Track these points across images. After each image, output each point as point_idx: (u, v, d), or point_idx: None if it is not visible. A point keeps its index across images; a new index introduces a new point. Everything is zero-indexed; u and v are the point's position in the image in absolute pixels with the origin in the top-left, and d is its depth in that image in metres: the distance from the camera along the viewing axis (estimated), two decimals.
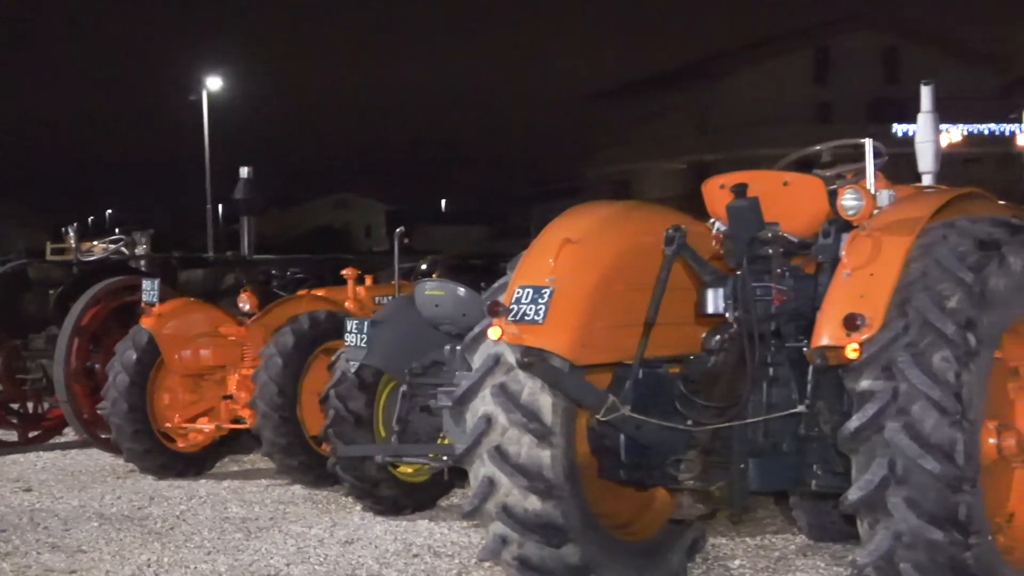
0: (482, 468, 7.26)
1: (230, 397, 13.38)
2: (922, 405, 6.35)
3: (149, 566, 9.28)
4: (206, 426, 13.54)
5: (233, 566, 9.23)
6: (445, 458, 9.87)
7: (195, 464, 13.58)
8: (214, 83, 67.89)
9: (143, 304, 13.41)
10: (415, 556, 9.45)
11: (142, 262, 17.48)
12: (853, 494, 6.49)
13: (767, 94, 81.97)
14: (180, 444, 13.59)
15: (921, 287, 6.52)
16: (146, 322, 13.19)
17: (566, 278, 7.08)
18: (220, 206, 68.89)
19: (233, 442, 13.96)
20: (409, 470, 10.88)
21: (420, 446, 10.17)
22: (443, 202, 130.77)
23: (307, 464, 12.18)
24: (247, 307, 13.66)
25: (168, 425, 13.47)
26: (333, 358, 10.97)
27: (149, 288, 13.41)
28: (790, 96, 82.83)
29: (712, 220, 7.66)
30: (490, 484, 7.23)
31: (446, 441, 9.78)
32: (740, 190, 7.40)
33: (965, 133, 73.17)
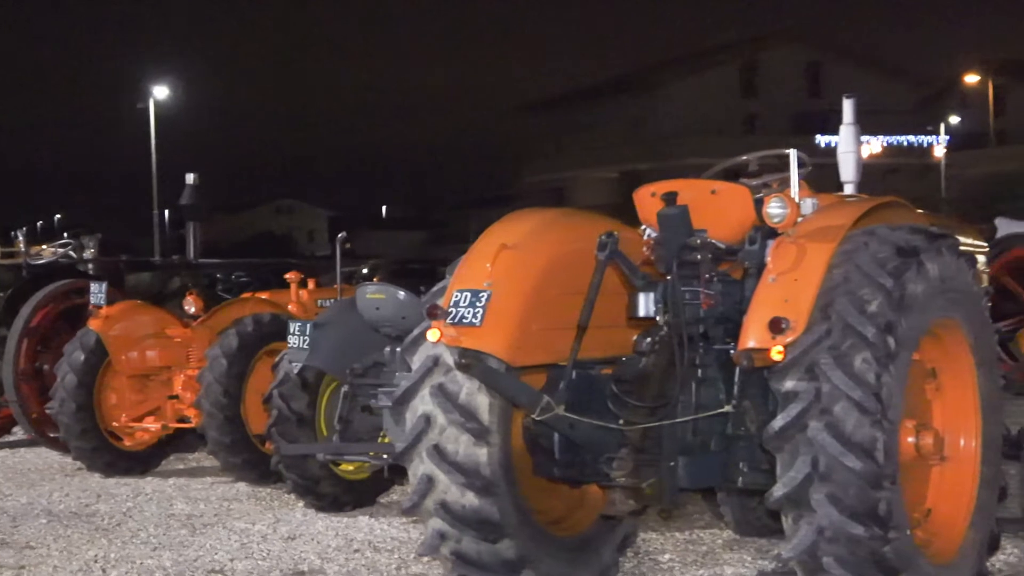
0: (421, 466, 7.24)
1: (176, 397, 13.34)
2: (844, 405, 6.39)
3: (96, 562, 9.21)
4: (152, 425, 13.48)
5: (178, 561, 9.17)
6: (385, 456, 9.89)
7: (141, 462, 13.51)
8: (161, 92, 67.71)
9: (91, 306, 13.34)
10: (356, 551, 9.42)
11: (90, 265, 17.39)
12: (778, 491, 6.52)
13: (697, 106, 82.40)
14: (127, 443, 13.52)
15: (843, 292, 6.56)
16: (94, 324, 13.10)
17: (503, 282, 7.08)
18: (167, 211, 68.63)
19: (179, 441, 13.88)
20: (350, 468, 10.87)
21: (361, 444, 10.17)
22: (384, 208, 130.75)
23: (251, 462, 12.14)
24: (193, 310, 13.65)
25: (115, 424, 13.41)
26: (276, 359, 10.94)
27: (97, 291, 13.33)
28: (718, 108, 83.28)
29: (643, 227, 7.68)
30: (429, 481, 7.22)
31: (386, 440, 9.80)
32: (670, 198, 7.42)
33: (885, 144, 73.88)
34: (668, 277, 7.28)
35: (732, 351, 6.99)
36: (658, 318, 7.28)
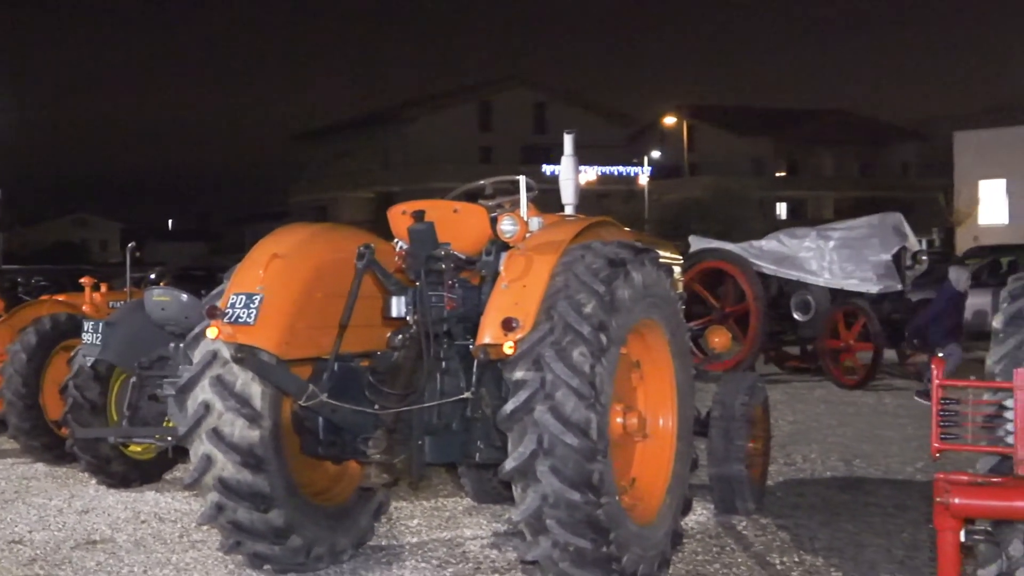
0: (201, 447, 7.15)
1: None
2: (564, 391, 6.47)
3: None
4: None
5: None
6: (169, 438, 9.77)
7: None
8: None
9: None
10: (143, 522, 9.20)
11: None
12: (509, 464, 6.57)
13: (440, 138, 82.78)
14: None
15: (563, 296, 6.65)
16: None
17: (273, 287, 7.01)
18: None
19: None
20: (138, 449, 10.65)
21: (148, 428, 10.02)
22: (170, 221, 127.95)
23: (48, 445, 11.76)
24: None
25: None
26: (72, 354, 10.65)
27: None
28: (459, 140, 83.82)
29: (396, 240, 7.67)
30: (208, 460, 7.12)
31: (170, 424, 9.63)
32: (419, 215, 7.43)
33: (599, 173, 75.19)
34: (417, 283, 7.29)
35: (471, 346, 7.04)
36: (408, 318, 7.30)
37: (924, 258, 19.88)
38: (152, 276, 12.89)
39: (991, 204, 68.61)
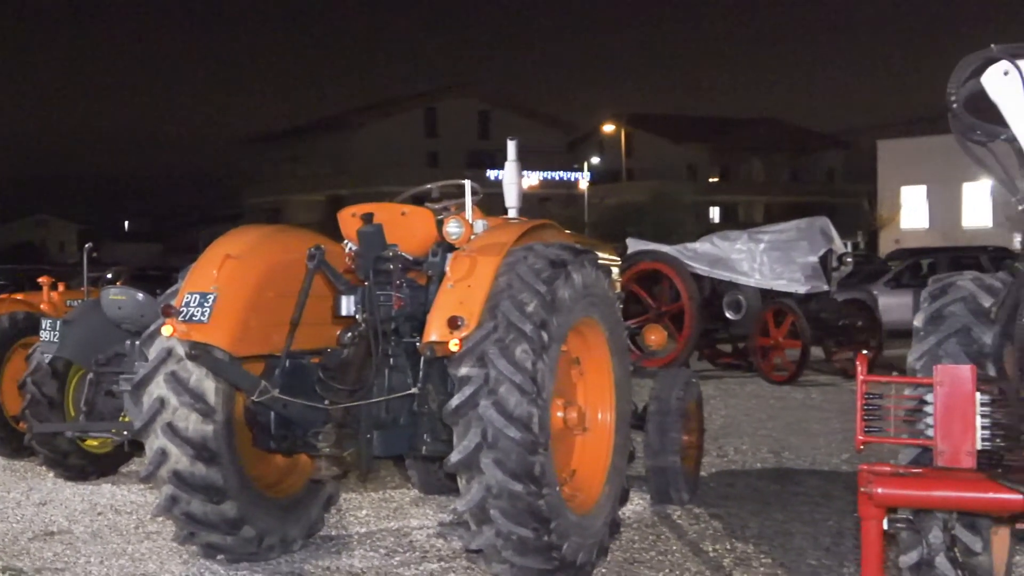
0: (156, 441, 7.08)
1: None
2: (507, 387, 6.47)
3: None
4: None
5: None
6: (125, 433, 9.63)
7: None
8: None
9: None
10: (99, 514, 9.11)
11: None
12: (454, 457, 6.56)
13: (389, 143, 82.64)
14: None
15: (507, 296, 6.65)
16: None
17: (227, 286, 6.97)
18: None
19: None
20: (95, 443, 10.54)
21: (104, 423, 9.90)
22: (126, 223, 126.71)
23: (6, 439, 11.59)
24: None
25: None
26: (30, 351, 10.52)
27: None
28: (407, 146, 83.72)
29: (346, 242, 7.64)
30: (163, 454, 7.06)
31: (126, 419, 9.53)
32: (368, 218, 7.41)
33: (541, 178, 75.33)
34: (366, 283, 7.27)
35: (418, 343, 7.02)
36: (357, 316, 7.27)
37: (849, 260, 20.07)
38: (109, 276, 12.74)
39: (912, 209, 69.37)
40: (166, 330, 6.91)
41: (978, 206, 64.21)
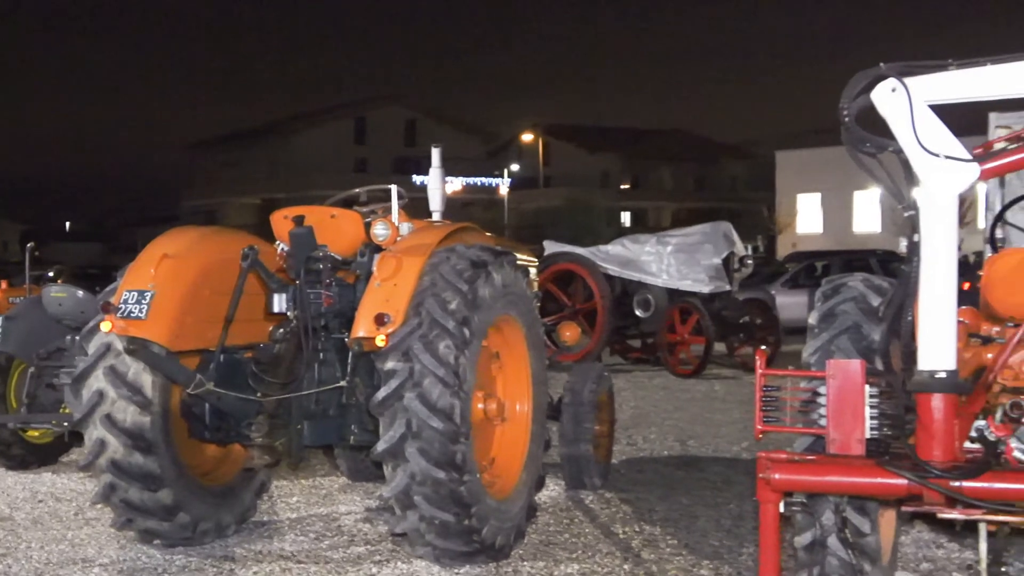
0: (95, 431, 6.97)
1: None
2: (431, 380, 6.46)
3: None
4: None
5: None
6: (66, 424, 9.51)
7: None
8: None
9: None
10: (40, 501, 8.94)
11: None
12: (381, 446, 6.55)
13: (320, 150, 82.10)
14: None
15: (431, 294, 6.64)
16: None
17: (164, 284, 6.88)
18: None
19: None
20: (36, 434, 10.36)
21: (45, 415, 9.76)
22: (67, 223, 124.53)
23: None
24: None
25: None
26: None
27: None
28: (337, 152, 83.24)
29: (278, 242, 7.58)
30: (101, 444, 6.96)
31: (67, 411, 9.40)
32: (299, 220, 7.36)
33: (464, 184, 75.26)
34: (297, 282, 7.22)
35: (346, 339, 6.98)
36: (289, 313, 7.22)
37: (749, 262, 20.33)
38: (50, 274, 12.57)
39: (808, 215, 70.33)
40: (105, 326, 6.81)
41: (868, 213, 65.23)
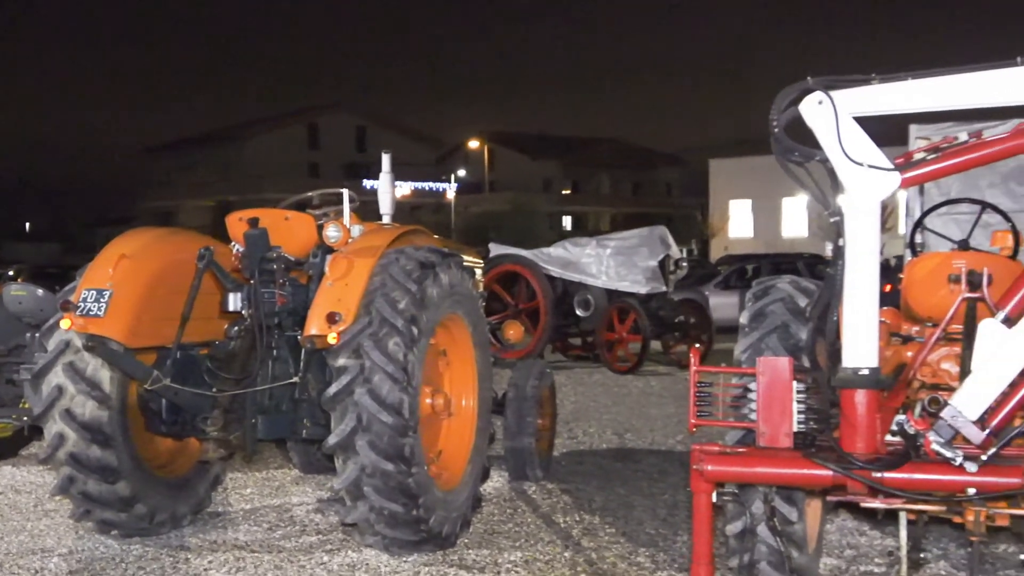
0: (54, 425, 6.88)
1: None
2: (381, 376, 6.45)
3: None
4: None
5: None
6: (25, 418, 9.39)
7: None
8: None
9: None
10: (0, 494, 8.80)
11: None
12: (332, 439, 6.52)
13: (274, 154, 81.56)
14: None
15: (381, 294, 6.62)
16: None
17: (122, 283, 6.81)
18: None
19: None
20: None
21: (6, 409, 9.62)
22: (27, 224, 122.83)
23: None
24: None
25: None
26: None
27: None
28: (290, 157, 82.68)
29: (233, 243, 7.52)
30: (61, 438, 6.87)
31: (26, 405, 9.27)
32: (254, 222, 7.31)
33: (412, 188, 75.03)
34: (251, 281, 7.17)
35: (299, 337, 6.95)
36: (243, 312, 7.17)
37: (684, 264, 20.49)
38: (10, 273, 12.41)
39: (739, 220, 70.92)
40: (64, 323, 6.74)
41: (796, 218, 65.90)
